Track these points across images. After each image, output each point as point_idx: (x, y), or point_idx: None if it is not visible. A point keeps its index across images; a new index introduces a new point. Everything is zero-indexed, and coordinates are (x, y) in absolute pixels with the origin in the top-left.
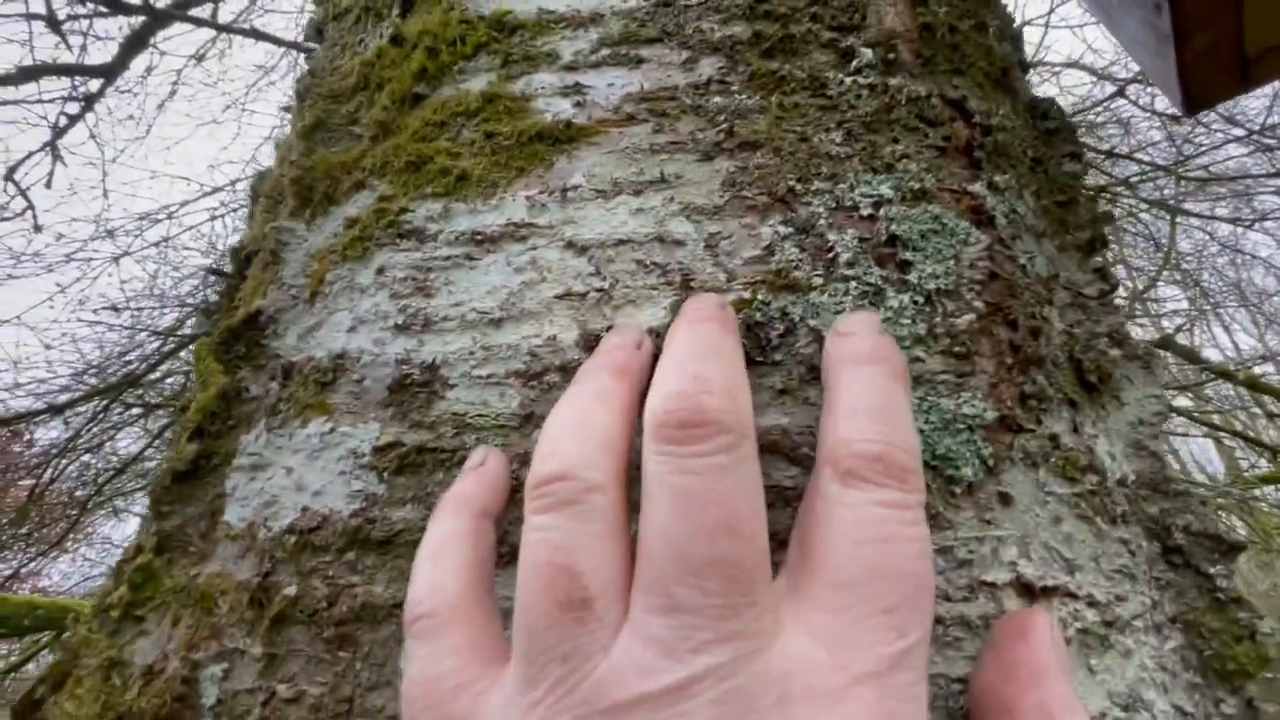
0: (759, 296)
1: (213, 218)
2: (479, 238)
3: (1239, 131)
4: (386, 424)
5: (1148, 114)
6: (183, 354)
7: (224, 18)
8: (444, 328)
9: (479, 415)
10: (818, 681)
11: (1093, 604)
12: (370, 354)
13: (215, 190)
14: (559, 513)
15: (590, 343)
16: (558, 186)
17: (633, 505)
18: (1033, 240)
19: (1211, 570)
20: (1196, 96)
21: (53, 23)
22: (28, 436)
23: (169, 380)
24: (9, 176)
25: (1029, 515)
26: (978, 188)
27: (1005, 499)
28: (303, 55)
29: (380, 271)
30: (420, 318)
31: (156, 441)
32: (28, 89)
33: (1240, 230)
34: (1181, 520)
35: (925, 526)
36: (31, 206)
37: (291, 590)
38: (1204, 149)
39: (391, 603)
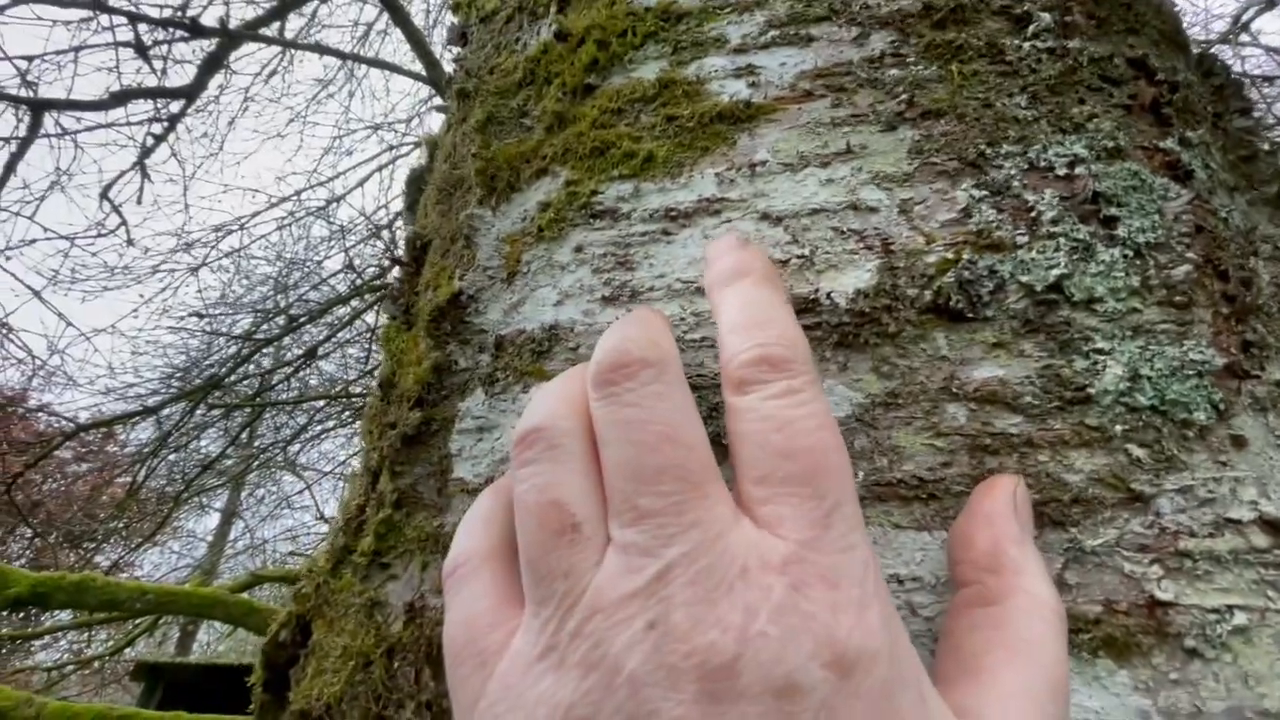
0: (964, 255)
1: (279, 227)
2: (673, 214)
3: None
4: None
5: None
6: (256, 358)
7: (287, 34)
8: (651, 297)
9: (697, 375)
10: (768, 553)
11: None
12: (583, 324)
13: (282, 200)
14: (540, 460)
15: (799, 305)
16: (744, 162)
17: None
18: (1226, 194)
19: None
20: None
21: (140, 49)
22: (122, 437)
23: (245, 383)
24: (104, 195)
25: (1262, 458)
26: (1170, 144)
27: (1239, 442)
28: (362, 65)
29: (578, 249)
30: (627, 289)
31: (234, 444)
32: (115, 113)
33: None
34: None
35: (820, 399)
36: (125, 222)
37: None
38: None
39: None
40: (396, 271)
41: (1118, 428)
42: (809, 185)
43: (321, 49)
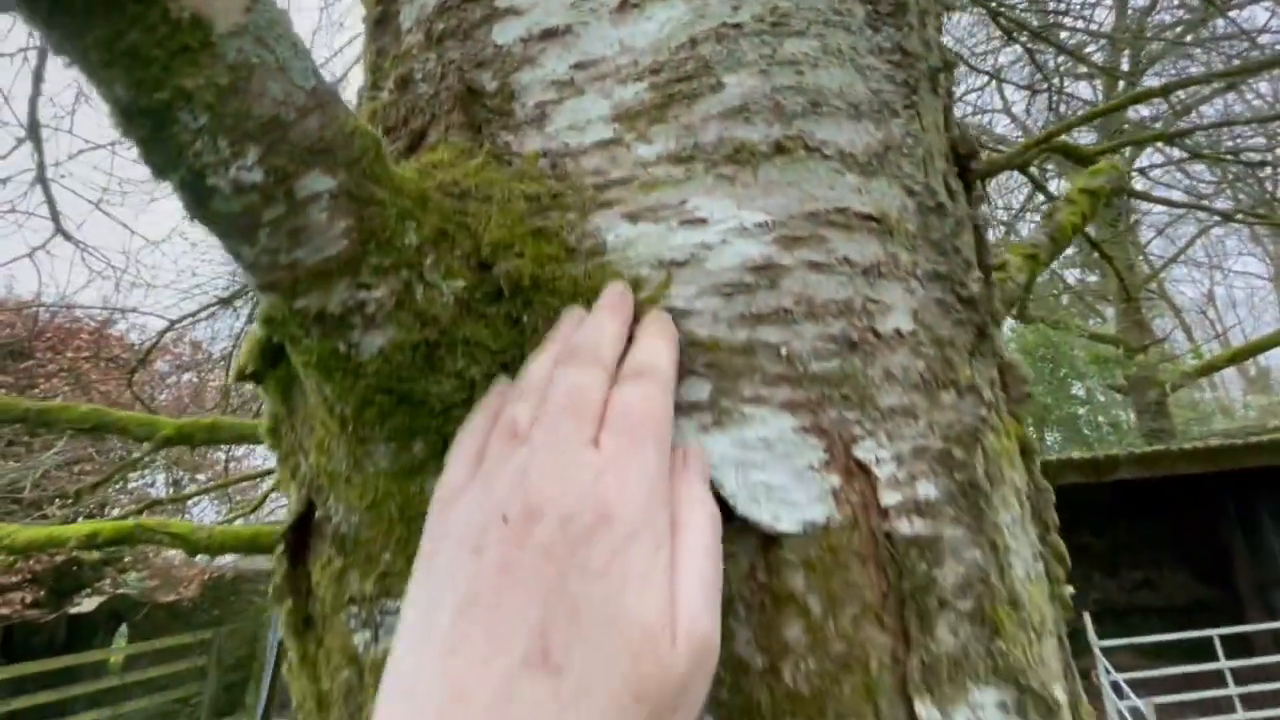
0: None
1: None
2: None
3: None
4: None
5: None
6: None
7: None
8: None
9: None
10: (594, 458)
11: None
12: None
13: None
14: (515, 402)
15: None
16: None
17: None
18: None
19: None
20: None
21: None
22: (207, 346)
23: None
24: None
25: None
26: None
27: None
28: None
29: None
30: None
31: None
32: None
33: None
34: None
35: (657, 388)
36: None
37: (430, 64)
38: None
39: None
40: None
41: None
42: None
43: None
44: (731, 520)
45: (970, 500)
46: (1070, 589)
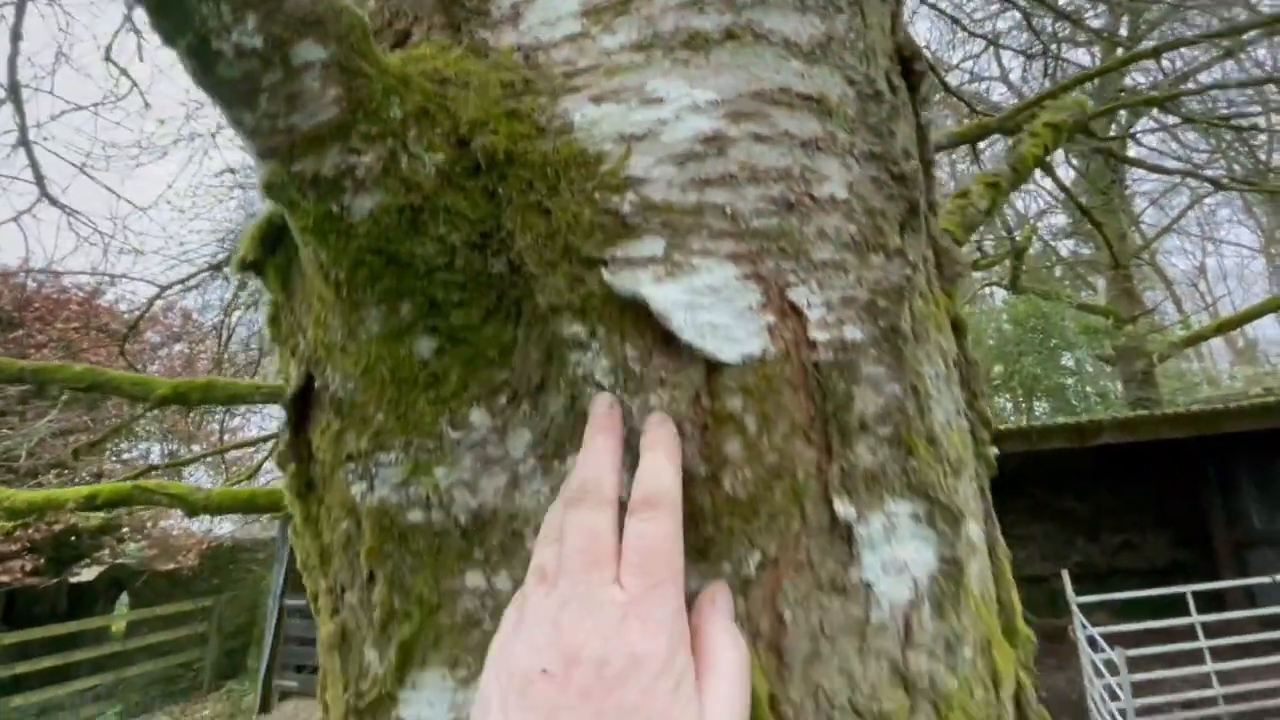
0: None
1: None
2: None
3: None
4: None
5: None
6: None
7: None
8: None
9: None
10: (616, 598)
11: None
12: None
13: None
14: (541, 550)
15: None
16: None
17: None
18: None
19: None
20: None
21: None
22: (196, 317)
23: None
24: (108, 57)
25: None
26: None
27: None
28: None
29: None
30: None
31: None
32: None
33: None
34: None
35: (669, 522)
36: (135, 85)
37: None
38: None
39: None
40: None
41: None
42: None
43: None
44: (679, 352)
45: (892, 344)
46: (995, 450)
